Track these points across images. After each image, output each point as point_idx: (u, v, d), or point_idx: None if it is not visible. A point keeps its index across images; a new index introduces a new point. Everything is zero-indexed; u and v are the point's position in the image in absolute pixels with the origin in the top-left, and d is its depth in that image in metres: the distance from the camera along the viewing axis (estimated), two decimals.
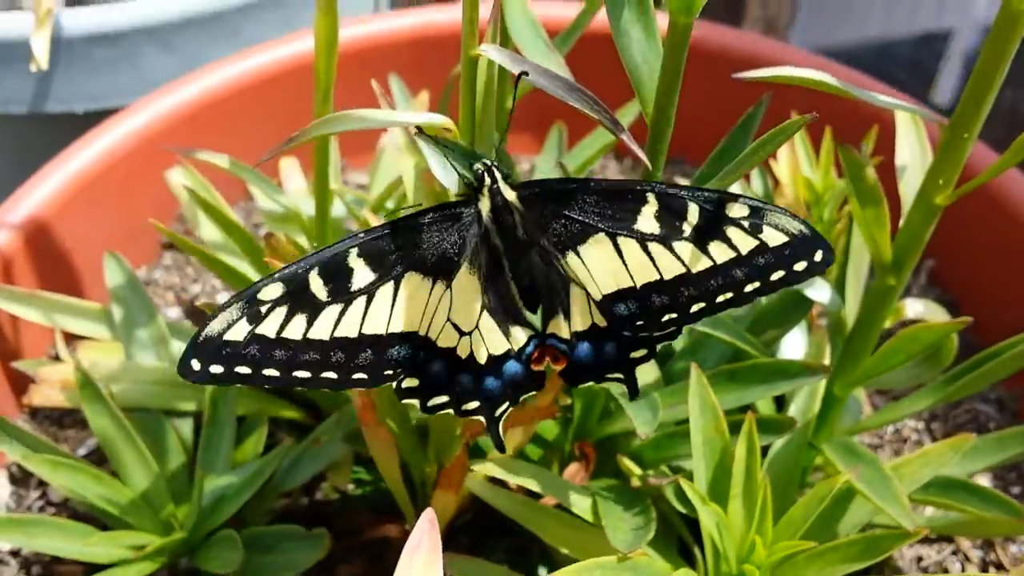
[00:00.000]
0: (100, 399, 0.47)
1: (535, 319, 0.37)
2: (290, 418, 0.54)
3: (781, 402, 0.53)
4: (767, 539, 0.41)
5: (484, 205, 0.35)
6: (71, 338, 0.57)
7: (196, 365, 0.33)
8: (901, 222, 0.43)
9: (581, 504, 0.43)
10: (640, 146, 0.33)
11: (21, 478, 0.54)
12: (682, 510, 0.43)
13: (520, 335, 0.37)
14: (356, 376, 0.35)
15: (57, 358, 0.56)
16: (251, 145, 0.64)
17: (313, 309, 0.34)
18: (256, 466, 0.47)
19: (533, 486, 0.42)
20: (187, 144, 0.60)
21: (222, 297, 0.62)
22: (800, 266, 0.35)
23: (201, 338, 0.33)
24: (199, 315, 0.61)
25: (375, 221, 0.42)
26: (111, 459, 0.48)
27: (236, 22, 0.70)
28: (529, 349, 0.37)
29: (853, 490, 0.44)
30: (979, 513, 0.45)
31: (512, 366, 0.37)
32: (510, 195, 0.35)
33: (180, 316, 0.61)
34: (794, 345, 0.52)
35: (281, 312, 0.34)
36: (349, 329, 0.34)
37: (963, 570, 0.53)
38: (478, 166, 0.35)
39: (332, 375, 0.34)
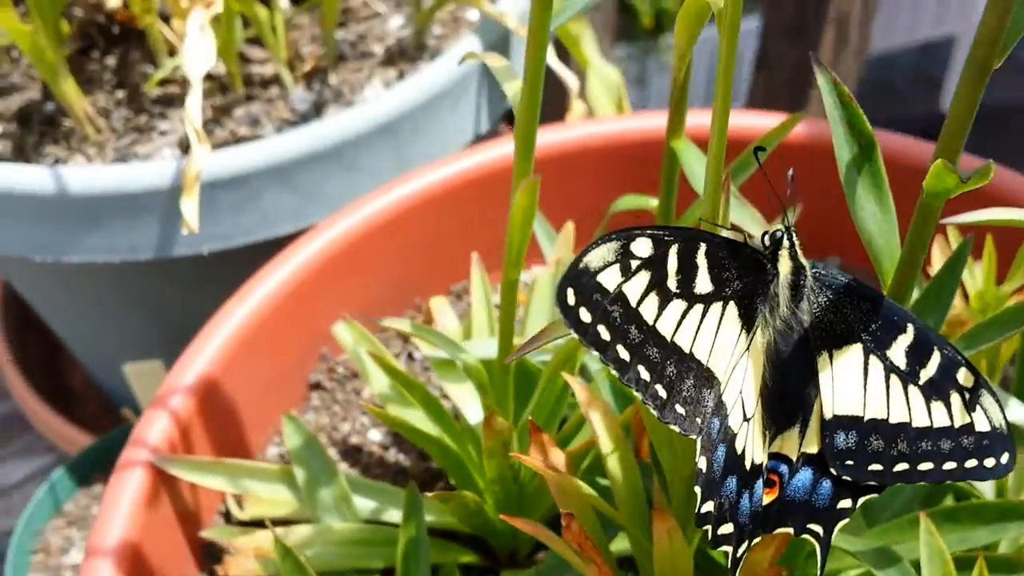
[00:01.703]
0: (301, 569, 0.47)
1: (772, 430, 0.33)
2: (467, 562, 0.54)
3: None
4: None
5: (784, 266, 0.33)
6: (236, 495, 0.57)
7: (571, 298, 0.29)
8: None
9: None
10: None
11: None
12: None
13: (764, 446, 0.33)
14: (677, 409, 0.31)
15: (227, 516, 0.56)
16: (392, 280, 0.65)
17: (664, 294, 0.30)
18: None
19: None
20: (335, 282, 0.61)
21: (372, 434, 0.62)
22: (989, 462, 0.32)
23: (580, 266, 0.30)
24: (355, 455, 0.61)
25: None
26: None
27: (352, 154, 0.71)
28: (769, 468, 0.32)
29: None
30: None
31: (759, 487, 0.33)
32: (805, 263, 0.33)
33: (336, 456, 0.61)
34: None
35: (643, 279, 0.30)
36: (685, 339, 0.31)
37: None
38: (776, 228, 0.33)
39: (662, 392, 0.30)
